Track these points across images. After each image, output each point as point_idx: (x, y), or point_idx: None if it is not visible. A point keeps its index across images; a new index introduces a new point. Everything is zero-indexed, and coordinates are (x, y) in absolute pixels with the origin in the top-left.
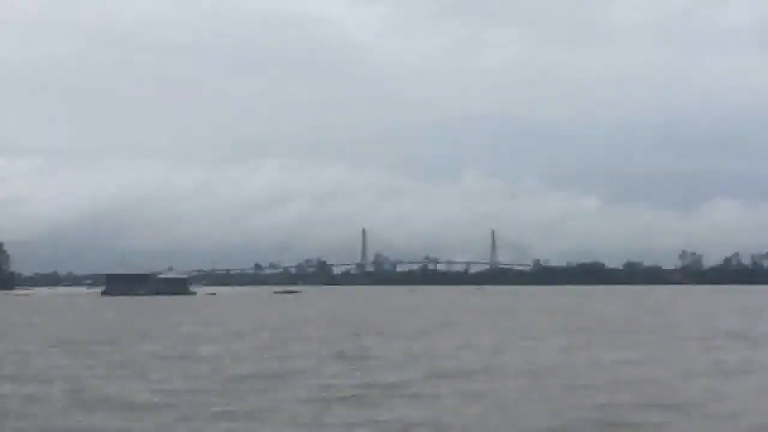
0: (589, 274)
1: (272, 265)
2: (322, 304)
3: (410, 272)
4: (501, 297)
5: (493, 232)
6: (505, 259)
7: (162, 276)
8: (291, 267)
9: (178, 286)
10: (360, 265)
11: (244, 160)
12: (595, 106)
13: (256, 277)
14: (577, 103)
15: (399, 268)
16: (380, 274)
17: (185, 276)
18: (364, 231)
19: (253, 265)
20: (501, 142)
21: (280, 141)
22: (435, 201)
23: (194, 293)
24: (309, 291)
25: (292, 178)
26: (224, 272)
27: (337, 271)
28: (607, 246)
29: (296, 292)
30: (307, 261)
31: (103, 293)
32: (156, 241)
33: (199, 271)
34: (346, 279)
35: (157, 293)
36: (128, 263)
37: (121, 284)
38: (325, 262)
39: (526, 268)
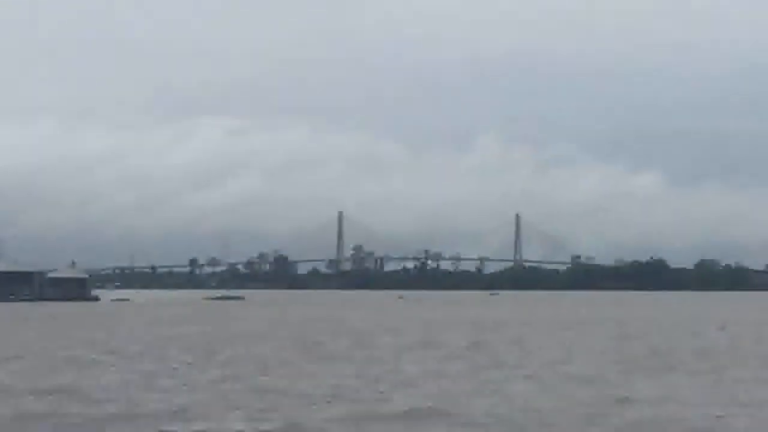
0: (647, 275)
1: (213, 262)
2: (253, 323)
3: (402, 272)
4: (520, 308)
5: (517, 218)
6: (534, 254)
7: (52, 275)
8: (238, 264)
9: (73, 289)
10: (334, 262)
11: (171, 120)
12: (656, 45)
13: (191, 278)
14: (631, 39)
15: (388, 267)
16: (361, 273)
17: (84, 276)
18: (340, 216)
19: (187, 261)
20: (526, 96)
21: (220, 95)
22: (437, 177)
23: (96, 299)
24: (258, 297)
25: (238, 143)
26: (149, 270)
27: (302, 269)
28: (672, 239)
29: (236, 298)
30: (261, 256)
31: None
32: (54, 228)
33: (115, 269)
34: (316, 280)
35: (43, 298)
36: (7, 257)
37: None
38: (285, 257)
39: (562, 267)
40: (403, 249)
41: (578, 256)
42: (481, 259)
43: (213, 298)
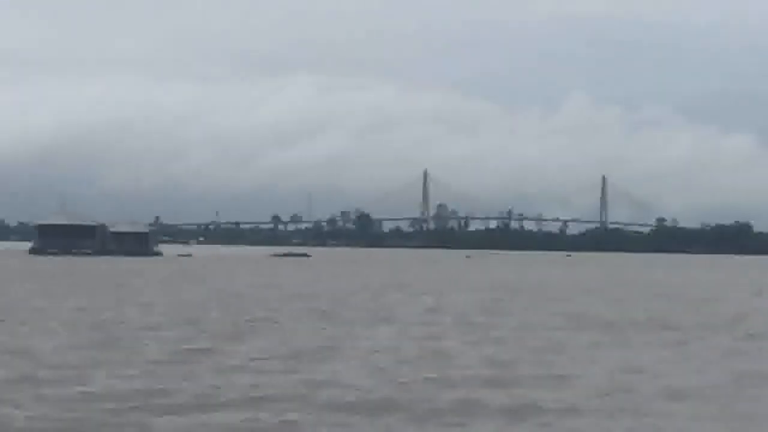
0: (731, 239)
1: (295, 219)
2: (304, 280)
3: (485, 231)
4: (587, 269)
5: (603, 180)
6: (619, 216)
7: (113, 230)
8: (321, 221)
9: (134, 244)
10: (416, 221)
11: (258, 77)
12: (751, 5)
13: (274, 235)
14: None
15: (472, 226)
16: (443, 232)
17: (145, 230)
18: (425, 174)
19: (269, 218)
20: (618, 56)
21: (308, 51)
22: (524, 135)
23: (159, 253)
24: (324, 254)
25: (326, 101)
26: (233, 226)
27: (386, 228)
28: (761, 203)
29: (302, 255)
30: (344, 214)
31: (32, 251)
32: (139, 184)
33: (200, 225)
34: (397, 239)
35: (105, 252)
36: (71, 211)
37: (56, 239)
38: (368, 215)
39: (645, 230)
40: (488, 209)
41: (663, 219)
42: (565, 221)
43: (278, 255)
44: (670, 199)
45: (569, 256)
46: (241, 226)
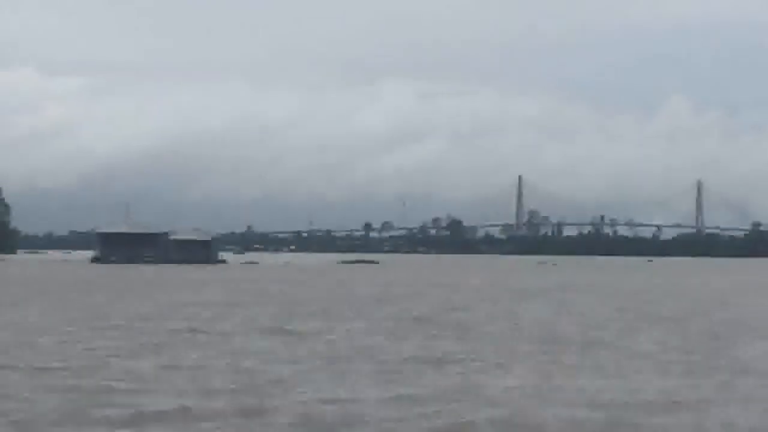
0: None
1: (386, 226)
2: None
3: (578, 237)
4: (667, 277)
5: (699, 185)
6: (716, 221)
7: (174, 237)
8: (414, 228)
9: (196, 252)
10: (507, 227)
11: (358, 84)
12: None
13: (365, 242)
14: None
15: (566, 232)
16: (533, 239)
17: (208, 238)
18: (519, 180)
19: (362, 225)
20: (720, 61)
21: (407, 59)
22: (622, 141)
23: (223, 261)
24: (395, 260)
25: (426, 108)
26: (324, 233)
27: (480, 234)
28: None
29: (371, 262)
30: (435, 220)
31: (94, 260)
32: (234, 190)
33: (292, 233)
34: (488, 245)
35: (168, 260)
36: (131, 220)
37: (118, 247)
38: (459, 222)
39: (739, 234)
40: (582, 215)
41: (759, 223)
42: (658, 226)
43: (347, 262)
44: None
45: (650, 261)
46: (334, 233)
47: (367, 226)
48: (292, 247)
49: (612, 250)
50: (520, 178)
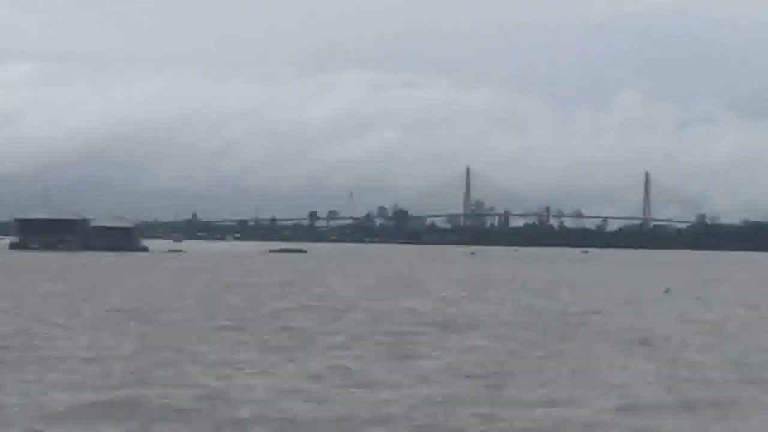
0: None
1: (332, 215)
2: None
3: (523, 228)
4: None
5: (647, 176)
6: (662, 214)
7: (95, 224)
8: (359, 218)
9: (117, 239)
10: (453, 217)
11: (312, 74)
12: None
13: (310, 231)
14: None
15: (512, 224)
16: (478, 229)
17: (129, 225)
18: (467, 171)
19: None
20: (670, 52)
21: (360, 48)
22: (572, 133)
23: (144, 249)
24: (322, 250)
25: (377, 99)
26: (269, 221)
27: (426, 224)
28: None
29: (298, 251)
30: (381, 210)
31: (13, 246)
32: (180, 178)
33: (238, 221)
34: (433, 235)
35: (86, 247)
36: (52, 204)
37: (39, 234)
38: (406, 211)
39: (682, 226)
40: (530, 206)
41: (703, 216)
42: (604, 218)
43: (274, 251)
44: (717, 197)
45: (586, 252)
46: (280, 222)
47: (312, 215)
48: (237, 235)
49: (555, 241)
50: (467, 168)
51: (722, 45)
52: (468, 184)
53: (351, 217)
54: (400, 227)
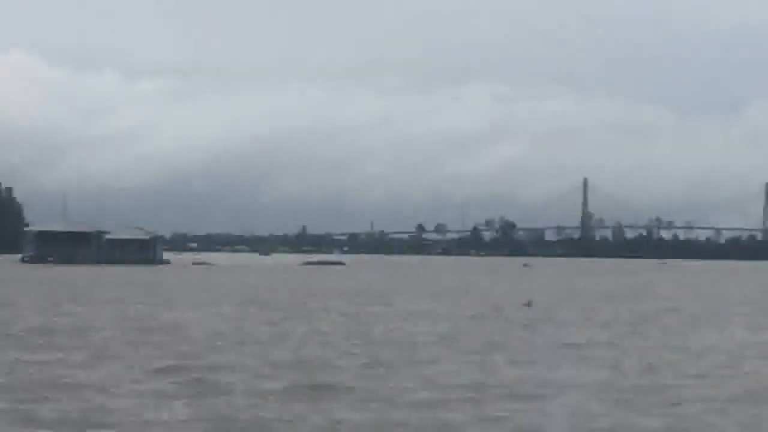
0: None
1: (439, 228)
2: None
3: (630, 240)
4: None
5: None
6: None
7: (110, 237)
8: (465, 231)
9: (134, 251)
10: (560, 229)
11: (435, 87)
12: None
13: (416, 244)
14: None
15: (625, 235)
16: (587, 241)
17: (146, 237)
18: (585, 183)
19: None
20: None
21: (487, 62)
22: (699, 144)
23: (166, 262)
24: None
25: (504, 111)
26: (378, 234)
27: (548, 236)
28: None
29: (337, 263)
30: (488, 223)
31: (26, 259)
32: (303, 193)
33: (349, 234)
34: (539, 247)
35: (102, 260)
36: (71, 216)
37: (54, 247)
38: (513, 224)
39: None
40: (642, 217)
41: None
42: (718, 229)
43: (311, 263)
44: None
45: (664, 263)
46: (390, 236)
47: (419, 227)
48: (345, 249)
49: (663, 254)
50: (585, 180)
51: None
52: (585, 197)
53: (458, 231)
54: (506, 239)
